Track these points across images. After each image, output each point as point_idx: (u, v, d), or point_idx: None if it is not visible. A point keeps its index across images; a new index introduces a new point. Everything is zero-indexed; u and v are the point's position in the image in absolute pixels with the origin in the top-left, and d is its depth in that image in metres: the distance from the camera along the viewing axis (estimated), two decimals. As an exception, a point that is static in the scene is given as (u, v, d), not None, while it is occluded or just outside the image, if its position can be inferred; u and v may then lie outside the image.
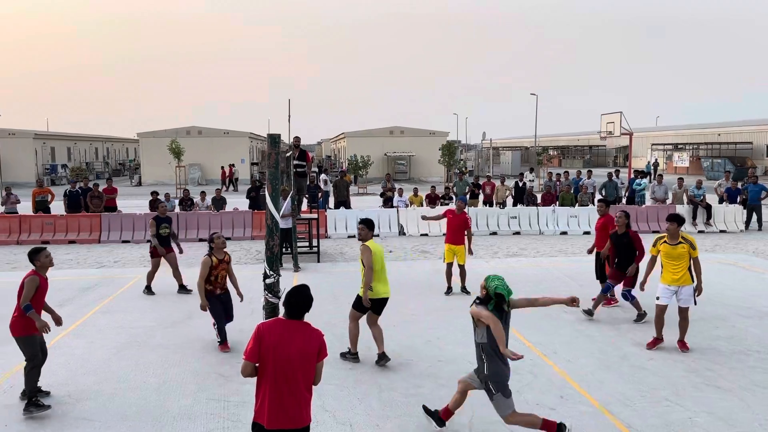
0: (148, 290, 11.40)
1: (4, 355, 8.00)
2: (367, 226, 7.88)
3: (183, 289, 11.50)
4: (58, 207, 20.35)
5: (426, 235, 18.86)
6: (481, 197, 21.80)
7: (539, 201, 21.43)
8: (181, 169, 39.85)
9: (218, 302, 8.27)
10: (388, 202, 21.69)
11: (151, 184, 42.90)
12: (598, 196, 21.28)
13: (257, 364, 4.21)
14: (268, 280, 5.77)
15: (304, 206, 17.08)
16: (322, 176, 23.51)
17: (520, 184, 22.35)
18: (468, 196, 21.40)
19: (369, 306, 7.59)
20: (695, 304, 8.12)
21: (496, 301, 5.43)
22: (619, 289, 9.87)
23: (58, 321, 6.62)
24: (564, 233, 19.40)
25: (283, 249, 14.21)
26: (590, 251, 11.22)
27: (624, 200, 21.85)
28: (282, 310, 4.39)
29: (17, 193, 20.57)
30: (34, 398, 6.05)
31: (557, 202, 20.94)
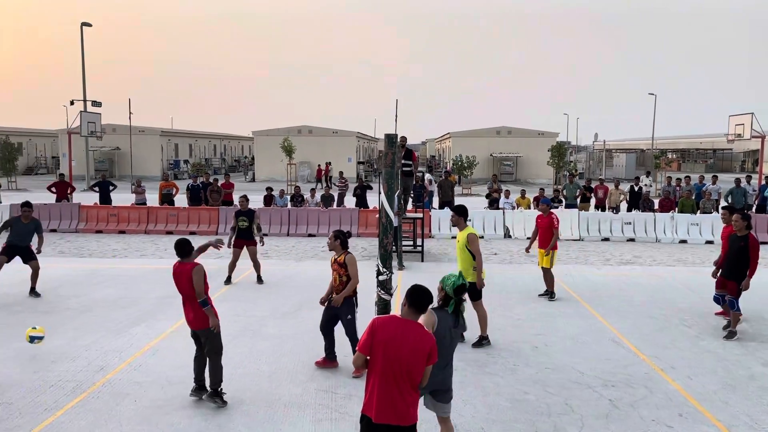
0: (228, 281, 11.93)
1: (135, 336, 8.69)
2: (457, 213, 8.25)
3: (259, 280, 12.10)
4: (181, 200, 21.80)
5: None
6: (592, 201, 20.97)
7: (656, 207, 20.32)
8: (292, 166, 41.39)
9: (328, 309, 7.45)
10: (493, 204, 21.37)
11: (264, 180, 44.97)
12: (723, 204, 19.84)
13: (368, 357, 4.29)
14: (381, 277, 5.86)
15: (409, 205, 17.19)
16: (427, 176, 23.52)
17: (636, 189, 21.27)
18: (578, 200, 20.67)
19: (482, 287, 8.17)
20: None
21: (457, 299, 4.96)
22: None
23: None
24: (683, 242, 18.25)
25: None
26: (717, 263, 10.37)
27: (753, 208, 20.21)
28: (392, 309, 4.45)
29: (145, 186, 22.27)
30: (220, 389, 6.32)
31: (676, 209, 19.75)
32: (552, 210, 11.29)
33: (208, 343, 6.39)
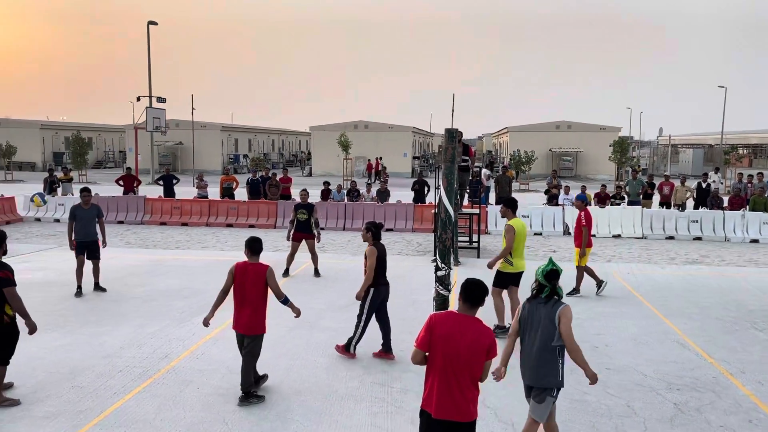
0: (286, 273, 12.04)
1: (197, 325, 8.94)
2: (505, 204, 8.74)
3: (317, 273, 12.24)
4: (240, 193, 22.30)
5: (594, 236, 17.91)
6: (656, 198, 20.26)
7: (726, 204, 19.46)
8: (348, 161, 41.71)
9: None
10: (552, 200, 20.96)
11: (321, 174, 45.45)
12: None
13: (427, 354, 4.27)
14: (439, 273, 5.83)
15: (465, 201, 17.04)
16: (484, 171, 23.23)
17: (704, 186, 20.42)
18: (641, 197, 20.01)
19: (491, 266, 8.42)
20: None
21: (551, 286, 4.88)
22: None
23: None
24: (755, 241, 17.42)
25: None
26: None
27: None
28: (450, 305, 4.41)
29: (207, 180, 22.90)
30: (252, 390, 6.48)
31: (747, 207, 18.85)
32: (588, 207, 11.06)
33: (250, 345, 6.50)
